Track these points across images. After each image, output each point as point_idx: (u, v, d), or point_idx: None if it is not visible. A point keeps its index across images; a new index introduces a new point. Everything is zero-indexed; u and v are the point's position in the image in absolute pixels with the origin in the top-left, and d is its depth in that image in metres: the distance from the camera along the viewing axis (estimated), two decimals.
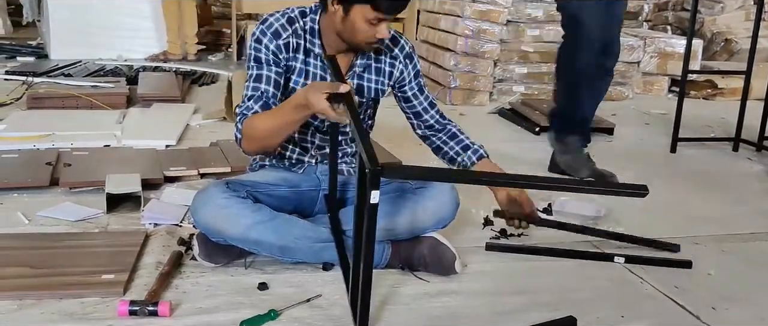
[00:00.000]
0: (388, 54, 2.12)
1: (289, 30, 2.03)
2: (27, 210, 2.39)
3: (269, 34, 2.01)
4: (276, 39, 2.01)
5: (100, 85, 4.32)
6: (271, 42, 2.01)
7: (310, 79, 2.05)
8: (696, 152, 3.74)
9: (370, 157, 1.43)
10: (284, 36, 2.02)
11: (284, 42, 2.02)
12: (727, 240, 2.45)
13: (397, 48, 2.14)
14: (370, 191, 1.42)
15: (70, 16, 5.86)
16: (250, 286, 1.89)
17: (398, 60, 2.15)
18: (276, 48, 2.01)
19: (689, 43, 3.68)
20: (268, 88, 2.00)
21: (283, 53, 2.02)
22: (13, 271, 1.88)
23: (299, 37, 2.03)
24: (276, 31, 2.02)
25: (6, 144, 3.10)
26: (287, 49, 2.03)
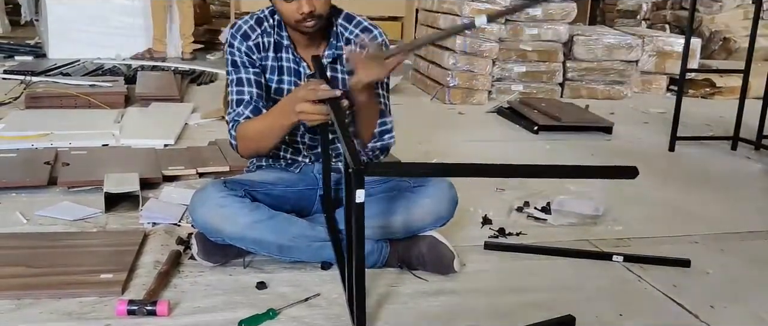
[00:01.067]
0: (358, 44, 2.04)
1: (258, 30, 2.05)
2: (25, 209, 2.39)
3: (239, 36, 2.04)
4: (246, 40, 2.04)
5: (98, 85, 4.32)
6: (241, 44, 2.04)
7: (285, 74, 2.06)
8: (694, 151, 3.74)
9: (353, 157, 1.43)
10: (253, 37, 2.04)
11: (254, 43, 2.04)
12: (725, 239, 2.45)
13: (368, 38, 2.03)
14: (355, 190, 1.42)
15: (68, 15, 5.86)
16: (248, 285, 1.89)
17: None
18: (247, 49, 2.04)
19: (687, 41, 3.68)
20: (251, 91, 2.02)
21: (255, 54, 2.05)
22: (11, 271, 1.88)
23: (269, 34, 2.05)
24: (245, 33, 2.04)
25: (4, 143, 3.09)
26: (258, 49, 2.05)
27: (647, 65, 5.45)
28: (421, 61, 5.41)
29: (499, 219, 2.49)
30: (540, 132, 3.93)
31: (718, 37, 6.66)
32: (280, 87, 2.07)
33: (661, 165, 3.48)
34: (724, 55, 6.60)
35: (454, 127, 4.08)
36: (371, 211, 1.97)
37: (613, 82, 5.23)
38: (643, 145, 3.87)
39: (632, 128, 4.22)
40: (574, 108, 4.43)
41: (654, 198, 2.86)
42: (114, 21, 6.00)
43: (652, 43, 5.41)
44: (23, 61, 5.58)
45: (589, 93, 5.15)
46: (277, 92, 2.08)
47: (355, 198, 1.42)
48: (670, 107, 3.95)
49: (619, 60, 5.21)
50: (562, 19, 4.98)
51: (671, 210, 2.73)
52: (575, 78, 5.14)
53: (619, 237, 2.41)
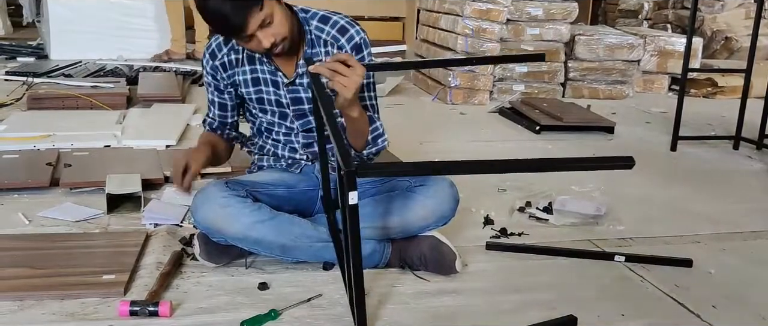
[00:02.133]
0: (335, 45, 2.02)
1: (224, 49, 2.06)
2: (27, 210, 2.39)
3: (207, 55, 2.09)
4: (212, 60, 2.08)
5: (100, 86, 4.32)
6: (207, 63, 2.10)
7: (262, 84, 2.05)
8: (696, 151, 3.74)
9: (345, 158, 1.43)
10: (219, 56, 2.07)
11: (220, 62, 2.07)
12: (727, 239, 2.45)
13: (345, 38, 2.01)
14: (348, 192, 1.41)
15: (70, 16, 5.86)
16: (250, 286, 1.89)
17: (344, 50, 2.01)
18: (212, 69, 2.09)
19: (689, 41, 3.68)
20: (214, 112, 2.17)
21: (220, 73, 2.08)
22: (13, 272, 1.88)
23: (237, 51, 2.04)
24: (212, 52, 2.08)
25: (6, 144, 3.10)
26: (224, 67, 2.07)
27: (649, 65, 5.44)
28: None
29: (501, 220, 2.49)
30: (542, 132, 3.93)
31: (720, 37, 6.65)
32: (260, 96, 2.07)
33: (662, 165, 3.48)
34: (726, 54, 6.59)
35: (455, 128, 4.08)
36: (373, 212, 1.98)
37: (614, 82, 5.22)
38: (645, 144, 3.87)
39: (634, 128, 4.22)
40: (575, 108, 4.43)
41: (656, 198, 2.86)
42: (116, 22, 5.99)
43: (654, 43, 5.41)
44: (25, 63, 5.58)
45: (591, 93, 5.15)
46: (259, 101, 2.08)
47: (348, 200, 1.41)
48: (671, 107, 3.94)
49: (621, 60, 5.21)
50: (564, 19, 4.97)
51: (673, 210, 2.73)
52: (577, 78, 5.14)
53: (621, 237, 2.41)
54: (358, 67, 1.77)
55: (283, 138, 2.13)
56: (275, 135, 2.14)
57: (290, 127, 2.10)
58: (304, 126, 2.09)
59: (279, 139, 2.14)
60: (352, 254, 1.51)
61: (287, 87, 2.03)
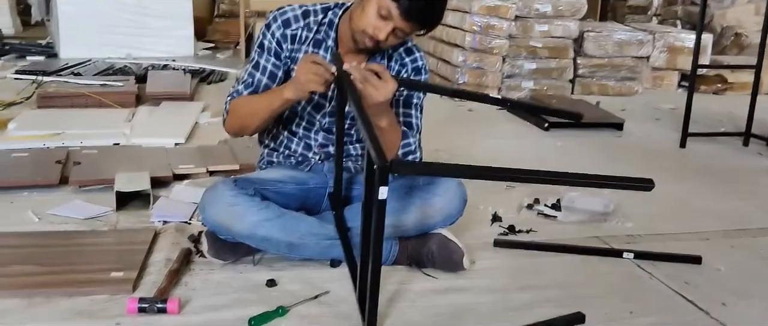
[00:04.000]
0: (398, 62, 2.09)
1: (302, 22, 2.04)
2: (37, 208, 2.40)
3: (280, 21, 2.04)
4: (285, 28, 2.03)
5: (109, 84, 4.33)
6: (278, 29, 2.03)
7: None
8: (706, 147, 3.72)
9: (378, 153, 1.42)
10: (294, 26, 2.04)
11: (292, 32, 2.03)
12: (736, 236, 2.44)
13: (409, 58, 2.09)
14: (379, 187, 1.41)
15: (79, 14, 5.87)
16: (258, 283, 1.90)
17: (405, 69, 2.09)
18: (281, 36, 2.03)
19: (698, 37, 3.66)
20: (262, 79, 2.04)
21: (287, 43, 2.04)
22: (23, 269, 1.89)
23: (311, 29, 2.04)
24: (287, 19, 2.04)
25: (17, 143, 3.11)
26: (294, 40, 2.04)
27: (658, 61, 5.42)
28: (431, 58, 5.41)
29: (509, 217, 2.49)
30: (551, 129, 3.92)
31: (730, 33, 6.61)
32: None
33: (672, 161, 3.47)
34: (736, 50, 6.55)
35: (464, 125, 4.07)
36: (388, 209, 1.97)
37: (624, 79, 5.20)
38: (655, 141, 3.86)
39: (643, 124, 4.20)
40: (585, 105, 4.42)
41: (665, 194, 2.84)
42: (124, 20, 5.99)
43: (663, 39, 5.39)
44: (35, 61, 5.61)
45: (600, 89, 5.13)
46: None
47: (377, 195, 1.41)
48: (681, 103, 3.92)
49: (630, 56, 5.19)
50: (573, 16, 4.96)
51: (682, 207, 2.71)
52: (586, 74, 5.12)
53: (630, 234, 2.40)
54: (390, 82, 1.80)
55: (303, 132, 2.12)
56: (295, 126, 2.12)
57: (314, 122, 2.09)
58: (330, 125, 2.09)
59: (297, 132, 2.13)
60: (374, 248, 1.51)
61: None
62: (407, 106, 2.09)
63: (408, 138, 2.07)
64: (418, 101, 2.11)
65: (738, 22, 6.63)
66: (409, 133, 2.08)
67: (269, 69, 2.04)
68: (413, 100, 2.10)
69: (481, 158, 3.30)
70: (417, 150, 2.10)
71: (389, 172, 1.41)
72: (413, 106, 2.10)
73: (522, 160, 3.30)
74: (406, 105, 2.09)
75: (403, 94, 2.08)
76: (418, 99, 2.11)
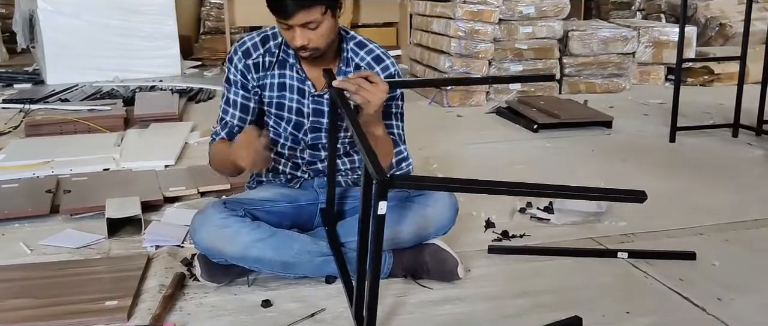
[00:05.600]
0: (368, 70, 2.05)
1: (261, 49, 2.05)
2: (29, 239, 2.39)
3: (240, 52, 2.06)
4: (245, 58, 2.05)
5: (97, 109, 4.32)
6: (240, 61, 2.06)
7: (288, 90, 2.06)
8: (696, 141, 3.73)
9: (377, 168, 1.42)
10: (254, 56, 2.05)
11: (254, 62, 2.05)
12: (730, 229, 2.45)
13: (379, 67, 2.06)
14: (377, 202, 1.40)
15: (64, 39, 5.85)
16: (253, 304, 1.89)
17: None
18: (244, 68, 2.05)
19: (682, 31, 3.68)
20: (235, 113, 2.08)
21: (251, 73, 2.06)
22: (16, 303, 1.88)
23: (273, 53, 2.05)
24: (247, 50, 2.06)
25: (6, 173, 3.10)
26: (257, 68, 2.06)
27: (644, 56, 5.43)
28: (418, 65, 5.42)
29: (502, 222, 2.49)
30: (540, 130, 3.92)
31: (714, 24, 6.64)
32: (281, 102, 2.07)
33: (662, 157, 3.48)
34: (721, 41, 6.59)
35: (453, 130, 4.07)
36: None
37: (610, 76, 5.21)
38: (644, 137, 3.87)
39: (632, 121, 4.21)
40: (572, 104, 4.43)
41: (657, 191, 2.82)
42: (110, 43, 5.97)
43: (648, 34, 5.40)
44: (22, 89, 5.59)
45: (588, 87, 5.14)
46: (279, 107, 2.07)
47: (377, 210, 1.41)
48: (669, 97, 3.93)
49: (616, 53, 5.20)
50: (556, 16, 4.97)
51: (674, 203, 2.72)
52: (572, 73, 5.13)
53: (624, 233, 2.40)
54: (381, 84, 1.82)
55: (288, 152, 2.13)
56: (280, 148, 2.13)
57: (298, 140, 2.10)
58: (314, 140, 2.09)
59: (283, 153, 2.13)
60: (373, 263, 1.50)
61: (313, 97, 2.04)
62: (387, 118, 2.06)
63: (399, 146, 2.07)
64: (397, 110, 2.10)
65: (722, 13, 6.67)
66: (399, 141, 2.09)
67: (240, 102, 2.07)
68: (392, 110, 2.08)
69: (473, 163, 3.30)
70: (408, 156, 2.11)
71: (389, 187, 1.40)
72: (393, 116, 2.09)
73: (513, 162, 3.31)
74: (386, 116, 2.06)
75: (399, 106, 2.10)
76: (396, 108, 2.09)
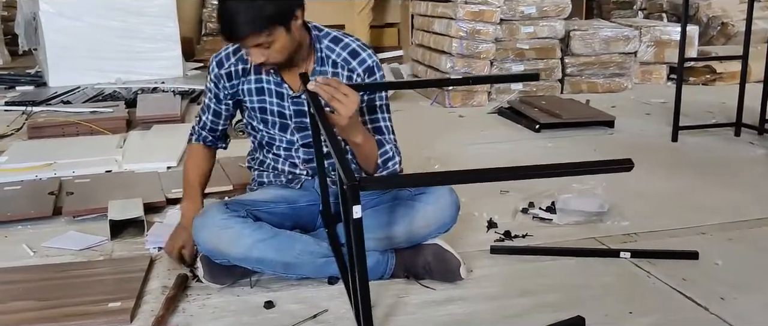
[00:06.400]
0: (346, 67, 2.04)
1: (233, 58, 2.09)
2: (32, 241, 2.39)
3: (214, 62, 2.12)
4: (219, 68, 2.11)
5: (99, 110, 4.33)
6: (213, 71, 2.12)
7: (267, 94, 2.08)
8: (698, 140, 3.72)
9: (347, 172, 1.42)
10: (226, 65, 2.10)
11: (226, 71, 2.10)
12: (733, 228, 2.44)
13: (356, 61, 2.04)
14: (352, 206, 1.41)
15: (66, 41, 5.85)
16: (256, 305, 1.89)
17: (355, 73, 2.04)
18: (216, 77, 2.12)
19: (683, 30, 3.67)
20: (208, 117, 2.21)
21: (223, 81, 2.12)
22: (19, 305, 1.88)
23: (245, 62, 2.06)
24: (220, 60, 2.11)
25: (8, 176, 3.10)
26: (229, 77, 2.11)
27: (646, 56, 5.43)
28: (419, 66, 5.42)
29: (505, 222, 2.49)
30: (542, 130, 3.92)
31: (716, 23, 6.63)
32: (263, 106, 2.09)
33: (664, 156, 3.47)
34: (723, 40, 6.57)
35: (455, 131, 4.07)
36: (374, 223, 1.97)
37: (612, 75, 5.21)
38: (646, 136, 3.86)
39: (634, 120, 4.21)
40: (574, 104, 4.42)
41: (659, 190, 2.85)
42: (112, 45, 5.97)
43: (650, 34, 5.40)
44: (24, 91, 5.59)
45: (590, 87, 5.14)
46: (262, 111, 2.10)
47: (352, 214, 1.41)
48: (671, 96, 3.93)
49: (618, 52, 5.20)
50: (558, 15, 4.97)
51: (677, 202, 2.72)
52: (574, 73, 5.13)
53: (626, 233, 2.40)
54: (351, 95, 1.78)
55: (284, 153, 2.14)
56: (276, 149, 2.14)
57: (291, 141, 2.11)
58: (304, 139, 2.10)
59: (279, 153, 2.14)
60: (358, 268, 1.51)
61: (292, 99, 2.04)
62: (372, 112, 2.05)
63: (384, 146, 2.01)
64: (382, 102, 2.07)
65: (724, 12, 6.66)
66: (383, 139, 2.04)
67: (213, 108, 2.19)
68: (376, 103, 2.06)
69: (475, 163, 3.30)
70: (395, 155, 2.04)
71: (359, 190, 1.40)
72: (378, 109, 2.06)
73: (515, 162, 3.29)
74: (370, 110, 2.05)
75: (365, 100, 2.03)
76: (380, 100, 2.07)
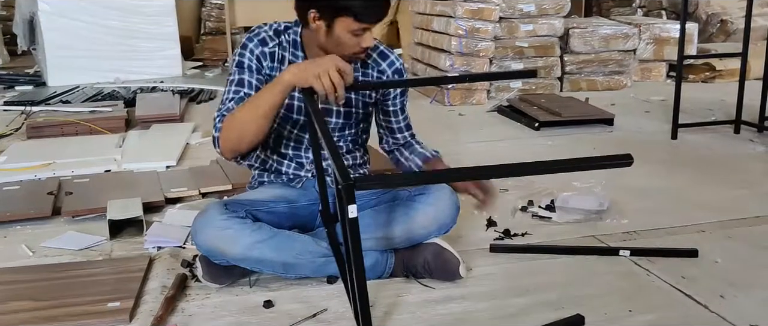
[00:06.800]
0: (376, 68, 2.09)
1: (276, 40, 2.04)
2: (31, 241, 2.39)
3: (256, 40, 2.04)
4: (262, 46, 2.03)
5: (98, 110, 4.33)
6: (256, 47, 2.03)
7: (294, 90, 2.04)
8: (697, 137, 3.72)
9: (342, 172, 1.42)
10: (270, 45, 2.04)
11: (270, 50, 2.03)
12: (732, 226, 2.44)
13: (386, 63, 2.11)
14: (347, 206, 1.41)
15: (65, 41, 5.85)
16: (255, 305, 1.89)
17: (385, 75, 2.11)
18: (261, 54, 2.02)
19: (683, 28, 3.67)
20: (249, 92, 1.98)
21: (266, 61, 2.03)
22: (18, 305, 1.88)
23: (284, 49, 2.04)
24: (263, 39, 2.04)
25: (7, 176, 3.10)
26: (272, 58, 2.04)
27: (645, 53, 5.43)
28: (418, 65, 5.41)
29: (504, 221, 2.49)
30: (541, 128, 3.92)
31: (716, 20, 6.63)
32: (290, 103, 2.05)
33: (664, 154, 3.47)
34: (723, 37, 6.57)
35: (455, 129, 4.07)
36: (373, 223, 1.97)
37: (612, 73, 5.21)
38: (646, 134, 3.86)
39: (634, 118, 4.21)
40: (574, 102, 4.42)
41: (658, 188, 2.85)
42: (111, 44, 5.96)
43: (649, 31, 5.39)
44: (23, 91, 5.59)
45: (589, 85, 5.14)
46: (287, 108, 2.06)
47: (347, 214, 1.41)
48: (670, 94, 3.92)
49: (617, 50, 5.20)
50: (557, 13, 4.97)
51: (676, 200, 2.71)
52: (574, 71, 5.12)
53: (626, 231, 2.40)
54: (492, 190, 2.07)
55: (292, 153, 2.12)
56: (283, 149, 2.12)
57: (302, 141, 2.10)
58: None
59: (287, 153, 2.13)
60: (354, 268, 1.51)
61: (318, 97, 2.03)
62: (404, 112, 2.24)
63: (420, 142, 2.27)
64: (405, 103, 2.24)
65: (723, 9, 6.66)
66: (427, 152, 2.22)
67: (254, 83, 1.99)
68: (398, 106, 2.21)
69: (474, 162, 3.29)
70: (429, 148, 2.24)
71: (354, 190, 1.40)
72: (401, 111, 2.23)
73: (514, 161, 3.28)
74: (395, 113, 2.22)
75: (397, 103, 2.19)
76: (404, 102, 2.23)
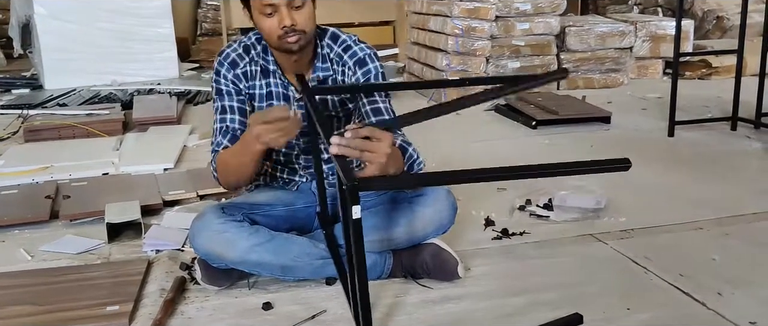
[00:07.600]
0: (339, 62, 2.04)
1: (246, 58, 2.03)
2: (29, 245, 2.39)
3: (226, 64, 2.03)
4: (233, 68, 2.02)
5: (95, 113, 4.32)
6: (228, 72, 2.02)
7: (274, 98, 2.04)
8: (694, 134, 3.73)
9: (346, 172, 1.42)
10: (241, 65, 2.03)
11: (242, 71, 2.03)
12: (729, 223, 2.44)
13: (347, 55, 2.03)
14: (351, 207, 1.41)
15: (61, 44, 5.84)
16: (254, 307, 1.89)
17: (347, 67, 2.04)
18: (234, 77, 2.02)
19: (678, 25, 3.67)
20: (233, 118, 2.00)
21: (242, 82, 2.03)
22: (17, 310, 1.88)
23: (256, 63, 2.03)
24: (233, 61, 2.03)
25: (5, 180, 3.10)
26: (246, 77, 2.03)
27: (642, 51, 5.44)
28: (415, 64, 5.42)
29: (502, 220, 2.49)
30: (538, 127, 3.92)
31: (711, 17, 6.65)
32: None
33: (661, 151, 3.47)
34: (719, 34, 6.59)
35: (452, 129, 4.07)
36: (371, 224, 1.97)
37: (608, 71, 5.22)
38: (643, 132, 3.86)
39: (631, 116, 4.21)
40: (571, 100, 4.43)
41: (656, 185, 2.85)
42: (107, 47, 5.96)
43: (645, 28, 5.40)
44: (20, 94, 5.59)
45: (586, 83, 5.14)
46: None
47: (351, 215, 1.41)
48: (667, 91, 3.92)
49: (613, 48, 5.21)
50: (553, 12, 4.97)
51: (674, 197, 2.72)
52: (570, 69, 5.13)
53: (623, 229, 2.40)
54: (384, 138, 1.64)
55: (284, 159, 2.13)
56: (275, 155, 2.13)
57: (292, 146, 2.09)
58: (305, 144, 2.08)
59: (279, 159, 2.14)
60: (357, 269, 1.51)
61: (298, 102, 2.03)
62: (377, 113, 2.00)
63: (407, 151, 1.93)
64: (385, 104, 2.02)
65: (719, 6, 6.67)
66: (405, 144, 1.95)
67: (236, 107, 2.01)
68: (380, 105, 2.01)
69: (472, 161, 3.30)
70: (418, 155, 1.96)
71: (358, 191, 1.40)
72: (384, 112, 2.00)
73: (512, 160, 3.30)
74: (375, 112, 2.00)
75: (366, 105, 2.00)
76: (384, 102, 2.02)
